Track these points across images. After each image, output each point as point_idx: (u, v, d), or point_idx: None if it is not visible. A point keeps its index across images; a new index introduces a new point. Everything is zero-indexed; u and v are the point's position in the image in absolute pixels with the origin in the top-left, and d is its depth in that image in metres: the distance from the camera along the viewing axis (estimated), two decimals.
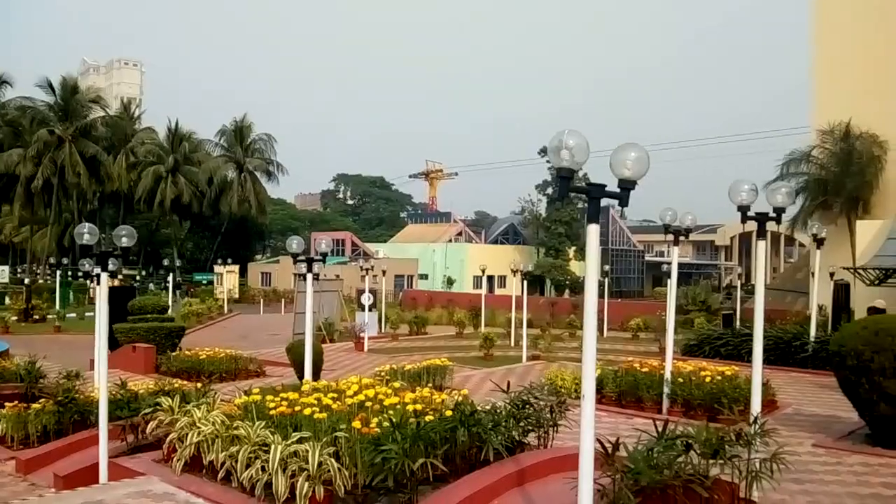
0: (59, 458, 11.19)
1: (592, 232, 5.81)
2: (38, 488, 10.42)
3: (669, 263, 14.38)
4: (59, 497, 8.83)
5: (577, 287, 72.02)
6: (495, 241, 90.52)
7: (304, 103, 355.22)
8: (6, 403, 13.11)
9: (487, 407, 9.41)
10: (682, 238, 13.15)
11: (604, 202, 5.74)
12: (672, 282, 14.24)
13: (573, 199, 70.70)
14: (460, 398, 9.44)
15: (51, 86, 72.19)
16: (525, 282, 29.56)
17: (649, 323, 34.65)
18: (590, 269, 5.92)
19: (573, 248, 77.47)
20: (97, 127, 76.01)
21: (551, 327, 34.71)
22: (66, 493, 8.94)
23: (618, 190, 5.77)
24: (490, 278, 65.24)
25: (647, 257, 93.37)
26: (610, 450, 6.83)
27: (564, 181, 5.67)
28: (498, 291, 68.54)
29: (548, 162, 76.57)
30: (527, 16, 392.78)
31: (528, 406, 9.47)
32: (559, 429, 9.64)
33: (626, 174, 5.77)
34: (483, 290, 41.29)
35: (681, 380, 13.25)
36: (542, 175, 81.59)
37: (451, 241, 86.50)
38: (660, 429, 7.50)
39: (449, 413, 8.67)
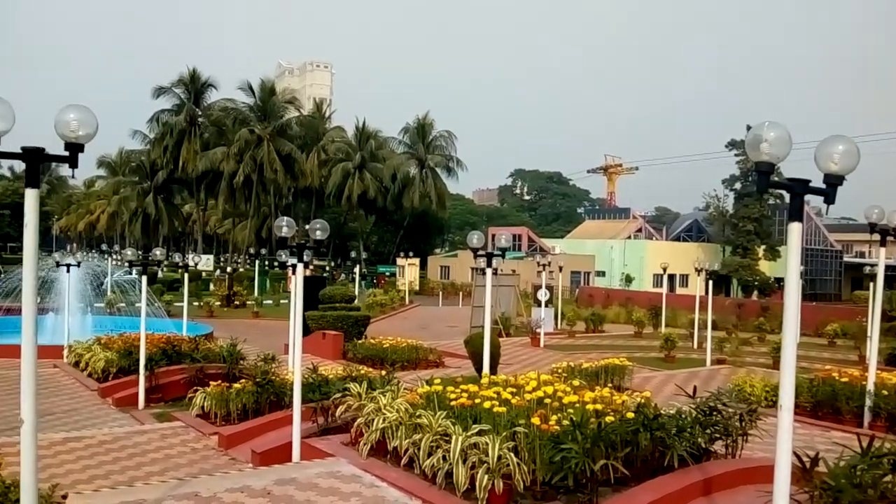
0: (256, 436, 11.98)
1: (795, 231, 5.44)
2: (238, 463, 11.23)
3: (873, 265, 13.23)
4: (256, 472, 9.46)
5: (767, 288, 67.96)
6: (677, 238, 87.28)
7: (485, 99, 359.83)
8: (211, 382, 14.23)
9: (671, 411, 9.08)
10: (889, 238, 12.07)
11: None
12: (878, 285, 13.09)
13: (765, 195, 66.67)
14: (642, 400, 9.17)
15: (251, 88, 77.79)
16: (710, 281, 28.24)
17: (848, 329, 32.08)
18: (790, 270, 5.55)
19: (763, 247, 73.17)
20: (292, 126, 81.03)
21: (738, 330, 33.01)
22: (263, 469, 9.56)
23: (823, 186, 5.36)
24: (671, 277, 63.04)
25: (846, 258, 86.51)
26: (808, 464, 6.39)
27: (763, 176, 5.33)
28: (679, 291, 66.07)
29: (736, 155, 72.82)
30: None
31: (715, 413, 9.04)
32: (749, 438, 9.13)
33: (833, 169, 5.36)
34: (664, 289, 39.87)
35: (885, 392, 12.18)
36: (728, 169, 77.82)
37: (630, 237, 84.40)
38: (864, 444, 6.92)
39: (630, 415, 8.44)
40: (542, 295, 30.62)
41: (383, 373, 13.09)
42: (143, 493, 8.25)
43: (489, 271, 13.54)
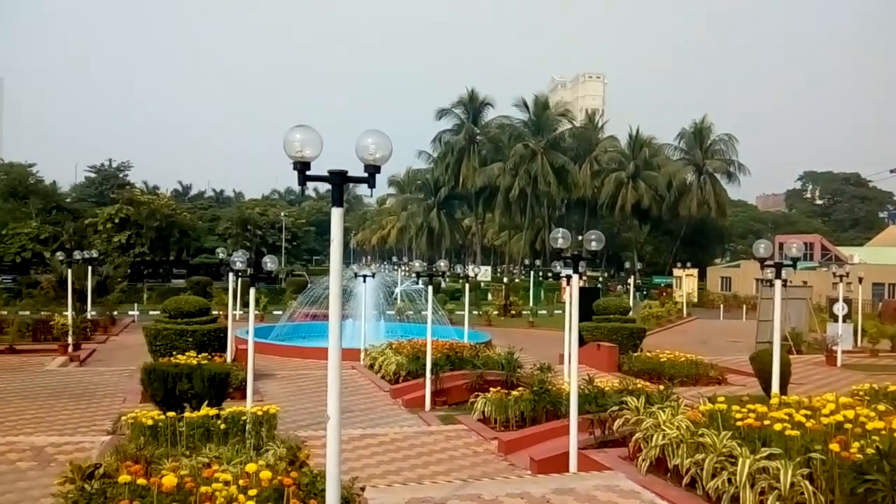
0: (533, 443, 12.21)
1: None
2: (517, 468, 11.53)
3: None
4: (535, 480, 9.64)
5: None
6: None
7: (769, 101, 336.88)
8: (490, 388, 14.76)
9: None
10: None
11: None
12: None
13: None
14: None
15: (525, 104, 79.89)
16: None
17: None
18: None
19: None
20: (565, 138, 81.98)
21: None
22: (542, 478, 9.71)
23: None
24: None
25: None
26: None
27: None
28: None
29: None
30: None
31: None
32: None
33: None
34: None
35: None
36: None
37: None
38: None
39: None
40: (840, 309, 27.86)
41: (661, 388, 12.72)
42: (430, 491, 8.76)
43: (778, 283, 12.63)
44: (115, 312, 37.10)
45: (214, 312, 23.24)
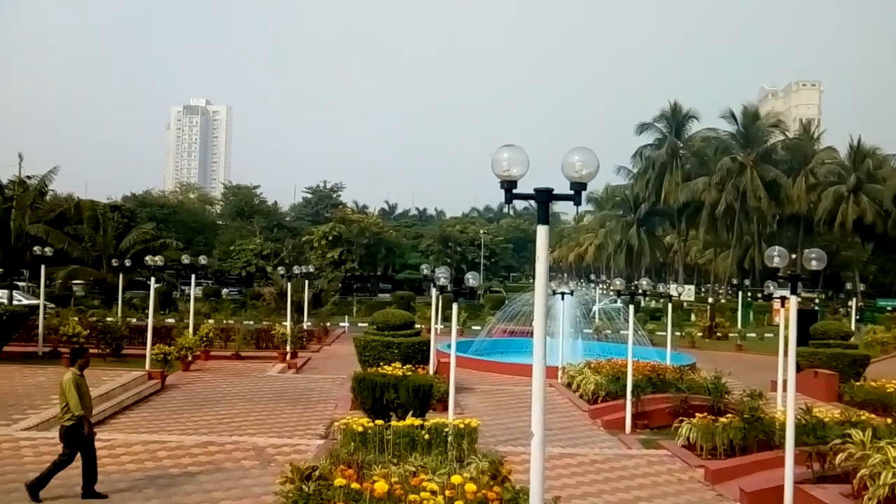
0: (743, 474, 11.54)
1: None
2: (725, 500, 10.96)
3: None
4: None
5: None
6: None
7: None
8: (696, 414, 14.14)
9: None
10: None
11: None
12: None
13: None
14: None
15: (733, 115, 76.16)
16: None
17: None
18: None
19: None
20: (777, 151, 77.16)
21: None
22: None
23: None
24: None
25: None
26: None
27: None
28: None
29: None
30: None
31: None
32: None
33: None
34: None
35: None
36: None
37: None
38: None
39: None
40: None
41: (890, 421, 11.60)
42: None
43: None
44: (328, 324, 39.41)
45: (417, 326, 24.14)
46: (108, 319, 28.06)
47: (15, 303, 31.52)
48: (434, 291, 22.10)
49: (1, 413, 14.79)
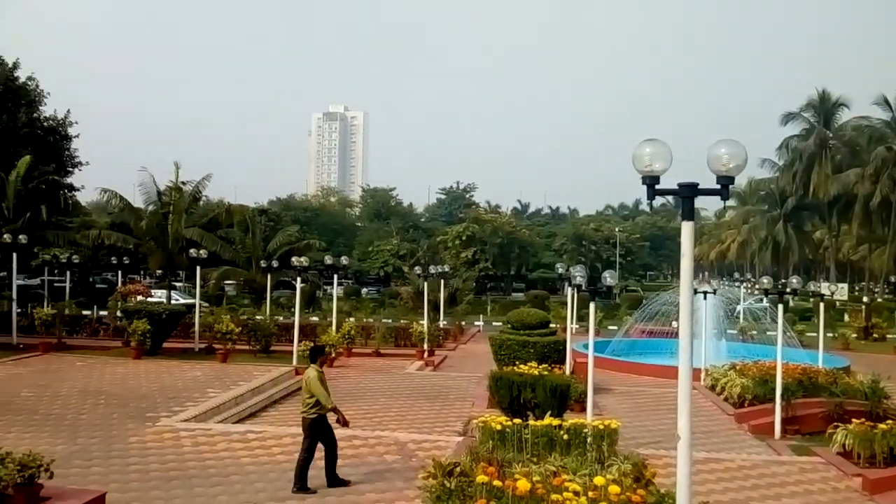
0: None
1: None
2: None
3: None
4: None
5: None
6: None
7: None
8: (852, 419, 13.32)
9: None
10: None
11: None
12: None
13: None
14: None
15: (886, 102, 70.94)
16: None
17: None
18: None
19: None
20: None
21: None
22: None
23: None
24: None
25: None
26: None
27: None
28: None
29: None
30: None
31: None
32: None
33: None
34: None
35: None
36: None
37: None
38: None
39: None
40: None
41: None
42: None
43: None
44: (463, 322, 39.81)
45: (553, 325, 23.98)
46: (258, 318, 29.48)
47: (173, 302, 33.76)
48: (569, 290, 21.94)
49: (162, 405, 15.85)
